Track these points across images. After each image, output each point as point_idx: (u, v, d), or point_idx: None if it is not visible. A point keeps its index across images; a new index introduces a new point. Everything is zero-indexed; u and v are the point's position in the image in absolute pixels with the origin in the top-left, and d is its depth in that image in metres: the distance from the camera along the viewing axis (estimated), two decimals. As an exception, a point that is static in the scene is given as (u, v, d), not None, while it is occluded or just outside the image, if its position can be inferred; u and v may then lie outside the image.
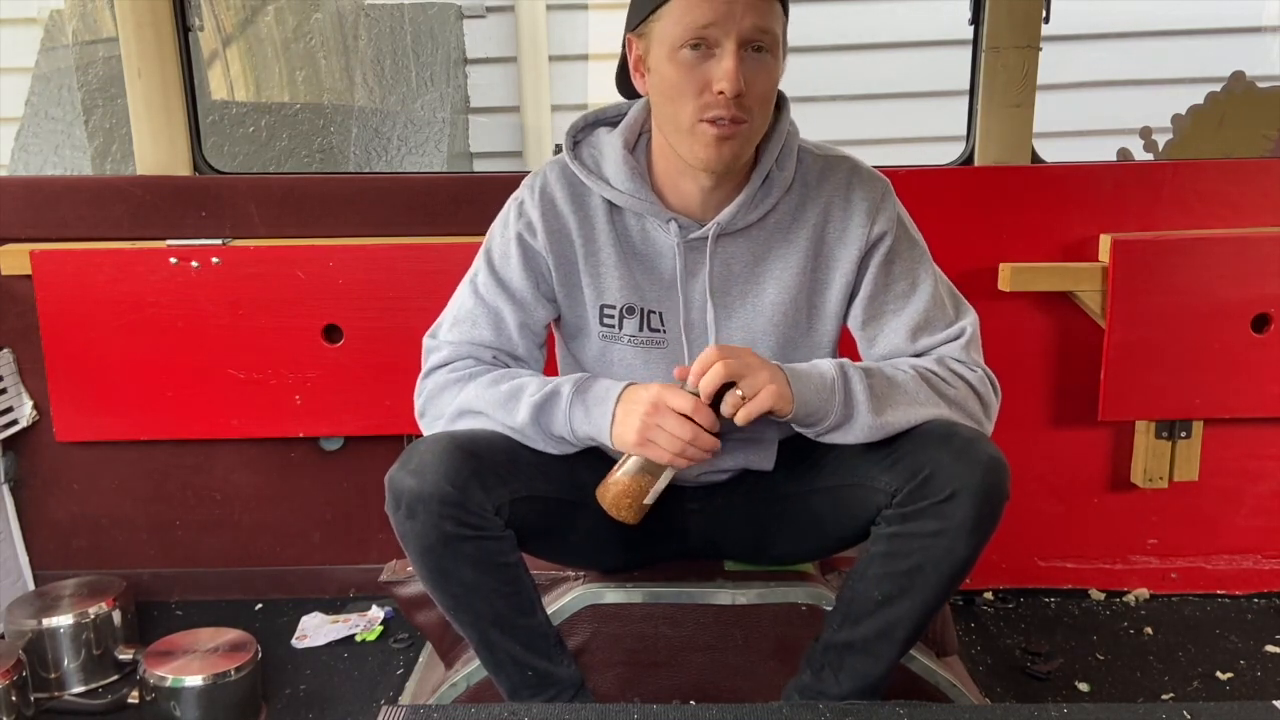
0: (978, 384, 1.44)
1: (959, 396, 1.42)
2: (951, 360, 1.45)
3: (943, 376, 1.42)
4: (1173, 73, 3.51)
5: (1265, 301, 2.23)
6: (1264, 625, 2.27)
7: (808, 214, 1.47)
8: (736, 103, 1.32)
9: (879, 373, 1.40)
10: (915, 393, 1.39)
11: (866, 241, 1.47)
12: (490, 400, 1.42)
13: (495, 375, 1.45)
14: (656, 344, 1.49)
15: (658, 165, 1.47)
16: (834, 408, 1.36)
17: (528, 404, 1.39)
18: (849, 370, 1.38)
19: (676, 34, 1.32)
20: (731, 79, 1.30)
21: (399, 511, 1.35)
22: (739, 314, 1.48)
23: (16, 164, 3.60)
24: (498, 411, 1.41)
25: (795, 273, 1.47)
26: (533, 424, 1.39)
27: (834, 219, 1.47)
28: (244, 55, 3.69)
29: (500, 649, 1.46)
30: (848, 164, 1.50)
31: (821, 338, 1.52)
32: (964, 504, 1.31)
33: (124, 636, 2.13)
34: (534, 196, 1.48)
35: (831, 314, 1.51)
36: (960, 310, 1.50)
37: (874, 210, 1.47)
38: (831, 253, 1.48)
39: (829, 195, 1.48)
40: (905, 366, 1.43)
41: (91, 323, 2.24)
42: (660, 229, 1.46)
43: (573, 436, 1.40)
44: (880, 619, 1.42)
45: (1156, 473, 2.32)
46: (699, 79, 1.32)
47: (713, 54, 1.32)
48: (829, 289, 1.49)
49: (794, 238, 1.48)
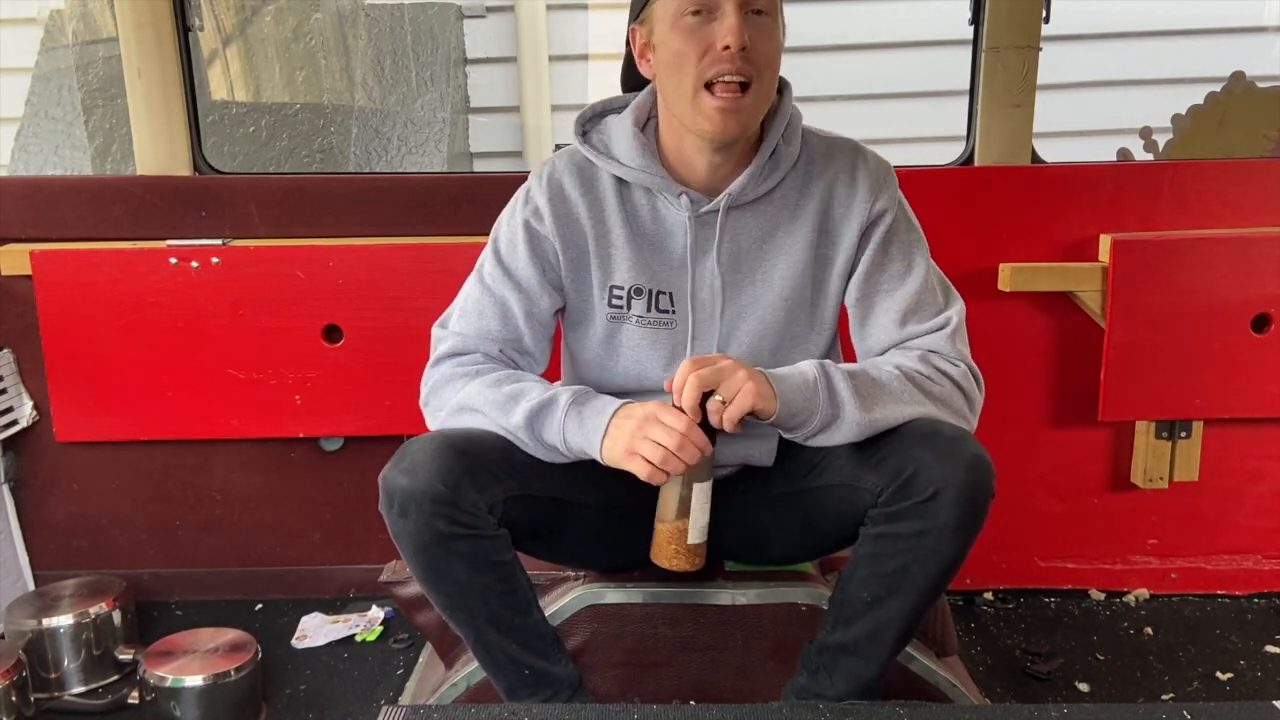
0: (961, 379, 1.44)
1: (943, 394, 1.42)
2: (935, 357, 1.45)
3: (927, 375, 1.43)
4: (1173, 73, 3.52)
5: (1265, 301, 2.23)
6: (1264, 625, 2.27)
7: (814, 189, 1.49)
8: (743, 56, 1.34)
9: (862, 372, 1.41)
10: (900, 392, 1.40)
11: (868, 217, 1.49)
12: (489, 400, 1.42)
13: (499, 375, 1.45)
14: (665, 324, 1.50)
15: (667, 144, 1.49)
16: (819, 406, 1.36)
17: (524, 409, 1.39)
18: (830, 370, 1.39)
19: (677, 4, 1.36)
20: (735, 32, 1.33)
21: (392, 510, 1.36)
22: (748, 290, 1.50)
23: (16, 164, 3.61)
24: (495, 412, 1.41)
25: (802, 248, 1.49)
26: (527, 429, 1.40)
27: (839, 195, 1.49)
28: (244, 55, 3.69)
29: (496, 648, 1.46)
30: (852, 145, 1.53)
31: (824, 314, 1.53)
32: (947, 503, 1.31)
33: (124, 636, 2.13)
34: (541, 184, 1.50)
35: (834, 290, 1.52)
36: (949, 299, 1.51)
37: (877, 187, 1.49)
38: (836, 229, 1.50)
39: (834, 172, 1.50)
40: (888, 366, 1.43)
41: (91, 323, 2.24)
42: (671, 205, 1.47)
43: (565, 447, 1.39)
44: (870, 620, 1.42)
45: (1156, 473, 2.32)
46: (702, 40, 1.35)
47: (714, 17, 1.35)
48: (832, 265, 1.51)
49: (801, 213, 1.49)
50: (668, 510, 1.38)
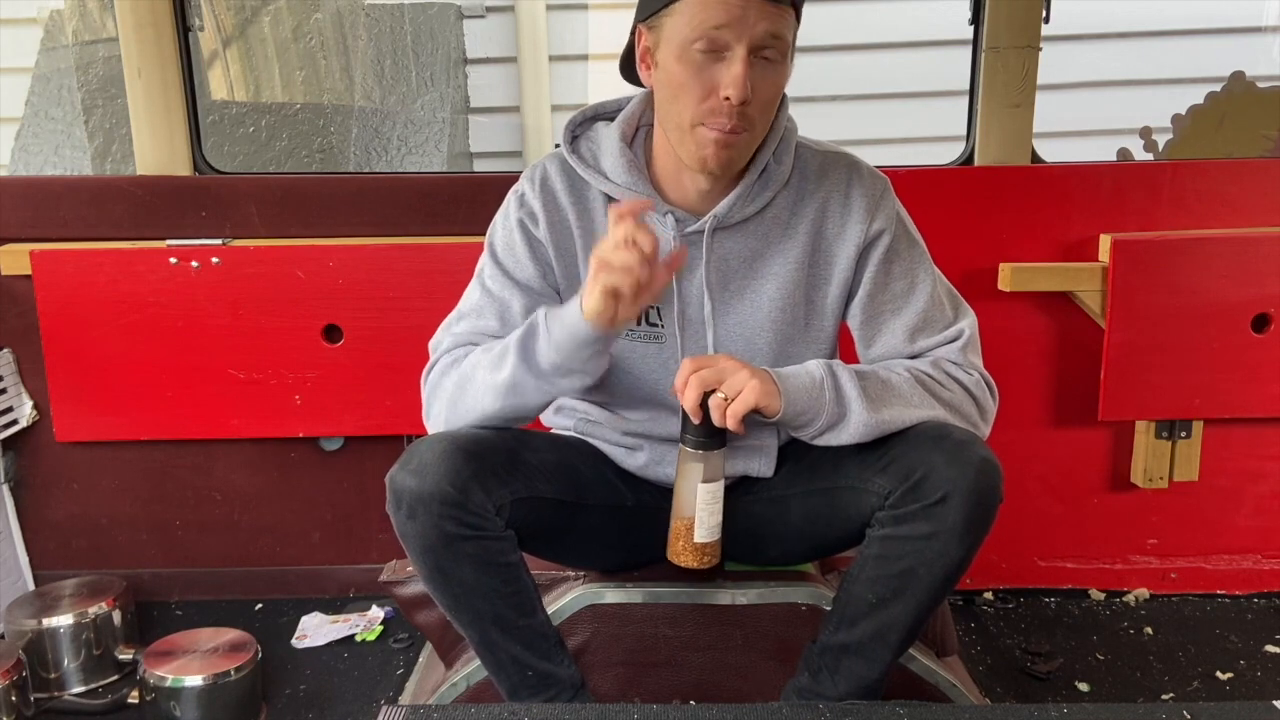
0: (974, 387, 1.44)
1: (954, 400, 1.42)
2: (947, 363, 1.45)
3: (938, 379, 1.42)
4: (1173, 73, 3.51)
5: (1265, 301, 2.23)
6: (1264, 625, 2.27)
7: (806, 209, 1.47)
8: (740, 110, 1.31)
9: (871, 374, 1.40)
10: (909, 395, 1.39)
11: (865, 238, 1.47)
12: (483, 363, 1.40)
13: (488, 345, 1.43)
14: (655, 339, 1.49)
15: (657, 159, 1.47)
16: (825, 405, 1.35)
17: (514, 347, 1.37)
18: (837, 369, 1.38)
19: (687, 33, 1.31)
20: (739, 86, 1.29)
21: (400, 511, 1.35)
22: (736, 309, 1.48)
23: (16, 164, 3.60)
24: (490, 373, 1.38)
25: (793, 268, 1.47)
26: (520, 363, 1.35)
27: (832, 215, 1.47)
28: (244, 55, 3.69)
29: (500, 649, 1.46)
30: (846, 160, 1.50)
31: (819, 334, 1.51)
32: (956, 506, 1.31)
33: (124, 636, 2.13)
34: (534, 188, 1.48)
35: (830, 311, 1.51)
36: (959, 312, 1.50)
37: (873, 207, 1.47)
38: (830, 249, 1.48)
39: (827, 191, 1.47)
40: (899, 369, 1.43)
41: (91, 323, 2.24)
42: (658, 223, 1.46)
43: (558, 353, 1.34)
44: (874, 621, 1.41)
45: (1156, 473, 2.32)
46: (706, 82, 1.32)
47: (722, 57, 1.31)
48: (827, 285, 1.49)
49: (792, 233, 1.47)
50: (681, 506, 1.38)
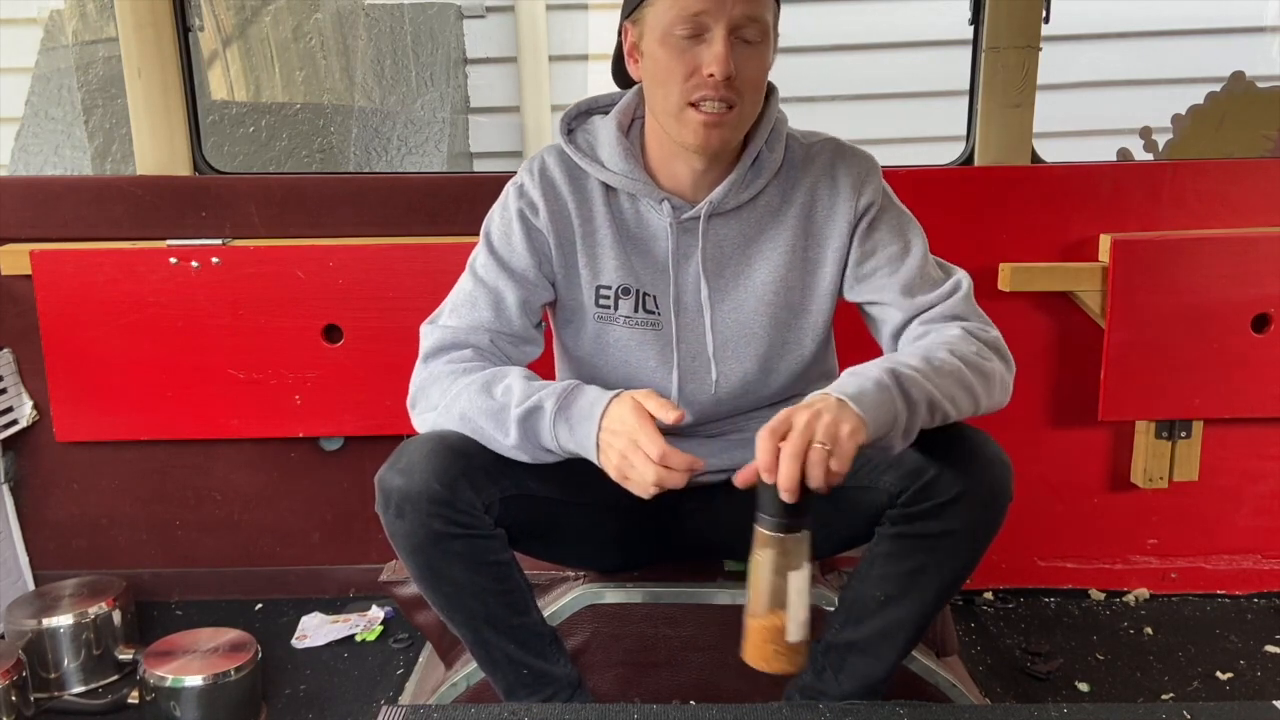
0: (998, 344, 1.42)
1: (993, 369, 1.38)
2: (972, 328, 1.41)
3: (976, 352, 1.37)
4: (1173, 73, 3.52)
5: (1265, 301, 2.23)
6: (1264, 625, 2.27)
7: (795, 195, 1.49)
8: (726, 84, 1.34)
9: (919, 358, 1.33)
10: (961, 376, 1.33)
11: (855, 214, 1.48)
12: (482, 410, 1.37)
13: (485, 378, 1.40)
14: (651, 325, 1.50)
15: (651, 148, 1.49)
16: (896, 409, 1.26)
17: (515, 418, 1.34)
18: (895, 366, 1.30)
19: (668, 19, 1.35)
20: (721, 62, 1.32)
21: (388, 511, 1.36)
22: (732, 295, 1.49)
23: (16, 164, 3.60)
24: (488, 424, 1.37)
25: (786, 253, 1.49)
26: (521, 437, 1.35)
27: (821, 198, 1.49)
28: (244, 55, 3.69)
29: (495, 648, 1.46)
30: (831, 144, 1.52)
31: (815, 318, 1.52)
32: (968, 506, 1.31)
33: (124, 636, 2.13)
34: (534, 178, 1.50)
35: (826, 292, 1.51)
36: (950, 269, 1.51)
37: (859, 184, 1.48)
38: (821, 231, 1.50)
39: (815, 176, 1.49)
40: (940, 350, 1.35)
41: (91, 323, 2.24)
42: (654, 210, 1.48)
43: (560, 450, 1.35)
44: (882, 620, 1.41)
45: (1156, 473, 2.32)
46: (689, 62, 1.35)
47: (703, 39, 1.34)
48: (822, 267, 1.50)
49: (783, 219, 1.49)
50: (759, 603, 1.19)
